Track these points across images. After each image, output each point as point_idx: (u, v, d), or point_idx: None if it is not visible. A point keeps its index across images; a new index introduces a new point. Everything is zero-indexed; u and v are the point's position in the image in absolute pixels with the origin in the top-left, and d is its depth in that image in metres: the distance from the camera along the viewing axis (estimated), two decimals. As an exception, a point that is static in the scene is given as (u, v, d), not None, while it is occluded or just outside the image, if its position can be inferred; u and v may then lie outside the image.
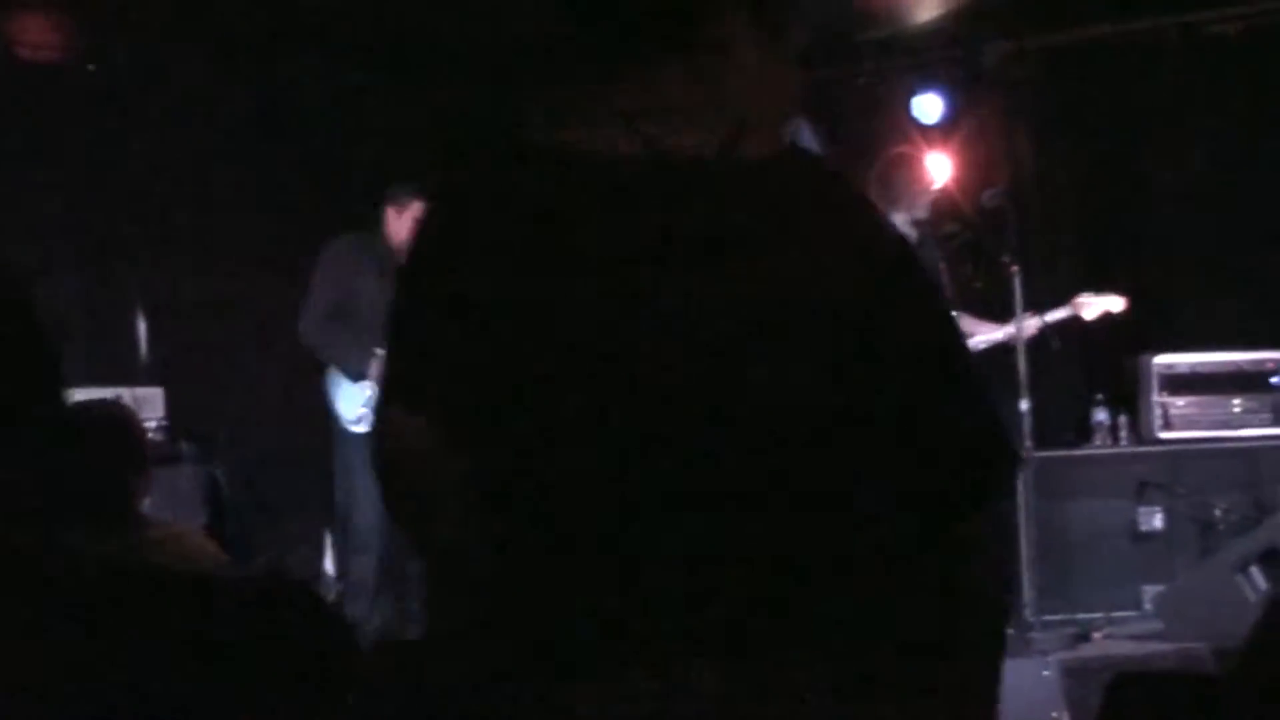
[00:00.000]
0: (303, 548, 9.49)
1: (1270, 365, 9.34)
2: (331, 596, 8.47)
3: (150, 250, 9.83)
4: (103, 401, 5.72)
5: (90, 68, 9.47)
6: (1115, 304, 8.94)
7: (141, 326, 9.74)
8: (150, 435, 8.78)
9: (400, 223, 8.61)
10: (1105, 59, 10.18)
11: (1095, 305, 8.92)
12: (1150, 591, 8.94)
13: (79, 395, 7.90)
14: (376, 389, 8.42)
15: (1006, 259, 8.42)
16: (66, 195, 9.56)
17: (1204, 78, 9.92)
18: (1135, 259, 10.32)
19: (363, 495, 8.54)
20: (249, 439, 9.87)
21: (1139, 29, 10.01)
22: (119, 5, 9.12)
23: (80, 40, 9.41)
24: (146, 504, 5.11)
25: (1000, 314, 8.65)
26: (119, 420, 5.19)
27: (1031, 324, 8.59)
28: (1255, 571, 8.01)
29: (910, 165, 8.62)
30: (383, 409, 2.45)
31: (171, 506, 8.19)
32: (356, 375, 8.53)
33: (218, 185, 10.02)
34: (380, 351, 8.47)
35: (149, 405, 8.94)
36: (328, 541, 9.44)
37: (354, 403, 8.55)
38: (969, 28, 9.82)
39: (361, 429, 8.53)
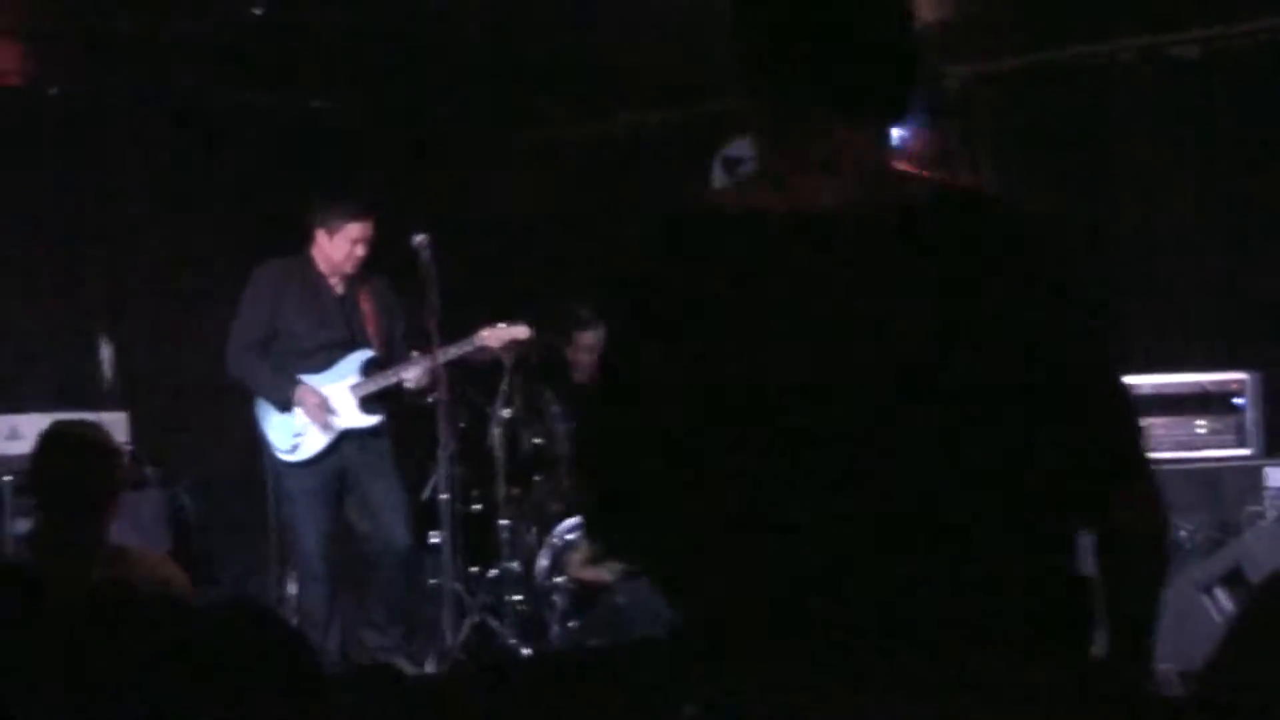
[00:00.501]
0: (266, 572, 9.44)
1: (1234, 386, 9.36)
2: (295, 621, 8.43)
3: (114, 275, 9.81)
4: (82, 423, 5.68)
5: (52, 91, 9.45)
6: None
7: (105, 351, 9.72)
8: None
9: (332, 245, 8.47)
10: (1066, 82, 10.22)
11: None
12: (1115, 613, 8.96)
13: (46, 420, 7.92)
14: (301, 417, 8.37)
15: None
16: (29, 220, 9.54)
17: (1165, 100, 9.97)
18: (1098, 280, 10.34)
19: (302, 523, 8.48)
20: (212, 463, 9.86)
21: (1100, 52, 10.03)
22: (81, 29, 9.10)
23: (42, 64, 9.39)
24: (112, 529, 5.09)
25: None
26: (97, 443, 5.17)
27: None
28: (1220, 592, 8.03)
29: None
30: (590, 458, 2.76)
31: (136, 531, 8.18)
32: (283, 405, 8.42)
33: (181, 210, 10.01)
34: (303, 379, 8.39)
35: (113, 430, 8.89)
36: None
37: (285, 432, 8.45)
38: (930, 52, 9.84)
39: (294, 458, 8.48)
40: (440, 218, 9.20)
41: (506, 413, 9.08)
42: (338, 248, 8.45)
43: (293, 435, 8.40)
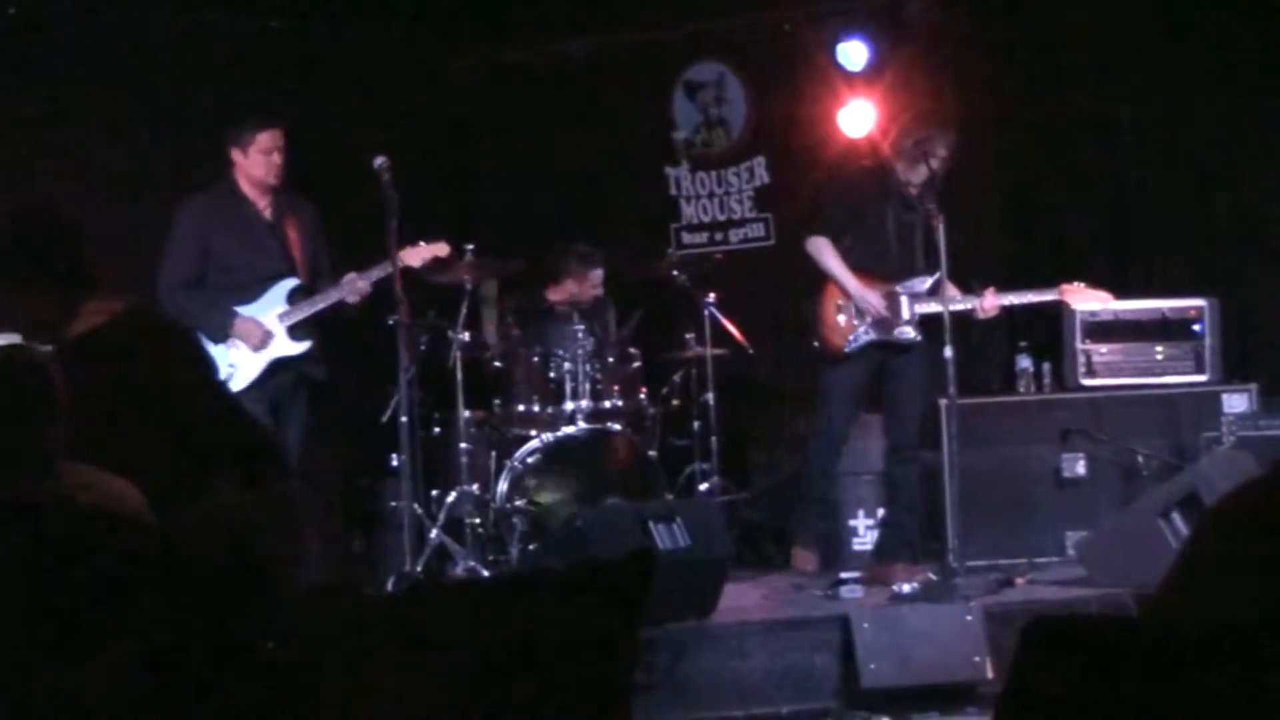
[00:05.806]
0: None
1: (1192, 313, 9.40)
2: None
3: (74, 190, 9.75)
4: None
5: (10, 10, 9.37)
6: (1105, 298, 8.73)
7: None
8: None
9: (250, 162, 8.46)
10: (1028, 4, 10.21)
11: (1084, 297, 8.69)
12: (1073, 537, 9.01)
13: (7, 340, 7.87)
14: (240, 347, 8.34)
15: (931, 207, 8.38)
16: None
17: (1125, 25, 9.96)
18: (1056, 204, 10.36)
19: None
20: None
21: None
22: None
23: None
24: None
25: (973, 280, 8.60)
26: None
27: (993, 301, 8.49)
28: (1177, 517, 8.07)
29: (927, 128, 8.58)
30: None
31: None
32: (220, 337, 8.37)
33: (139, 126, 9.95)
34: (240, 310, 8.35)
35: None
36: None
37: (219, 364, 8.39)
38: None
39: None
40: (401, 142, 9.14)
41: (466, 336, 9.08)
42: (255, 163, 8.43)
43: (226, 365, 8.35)
